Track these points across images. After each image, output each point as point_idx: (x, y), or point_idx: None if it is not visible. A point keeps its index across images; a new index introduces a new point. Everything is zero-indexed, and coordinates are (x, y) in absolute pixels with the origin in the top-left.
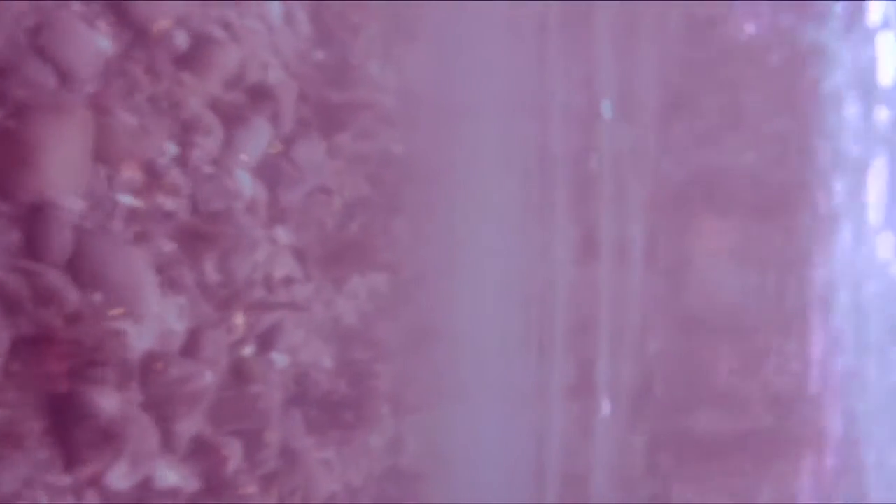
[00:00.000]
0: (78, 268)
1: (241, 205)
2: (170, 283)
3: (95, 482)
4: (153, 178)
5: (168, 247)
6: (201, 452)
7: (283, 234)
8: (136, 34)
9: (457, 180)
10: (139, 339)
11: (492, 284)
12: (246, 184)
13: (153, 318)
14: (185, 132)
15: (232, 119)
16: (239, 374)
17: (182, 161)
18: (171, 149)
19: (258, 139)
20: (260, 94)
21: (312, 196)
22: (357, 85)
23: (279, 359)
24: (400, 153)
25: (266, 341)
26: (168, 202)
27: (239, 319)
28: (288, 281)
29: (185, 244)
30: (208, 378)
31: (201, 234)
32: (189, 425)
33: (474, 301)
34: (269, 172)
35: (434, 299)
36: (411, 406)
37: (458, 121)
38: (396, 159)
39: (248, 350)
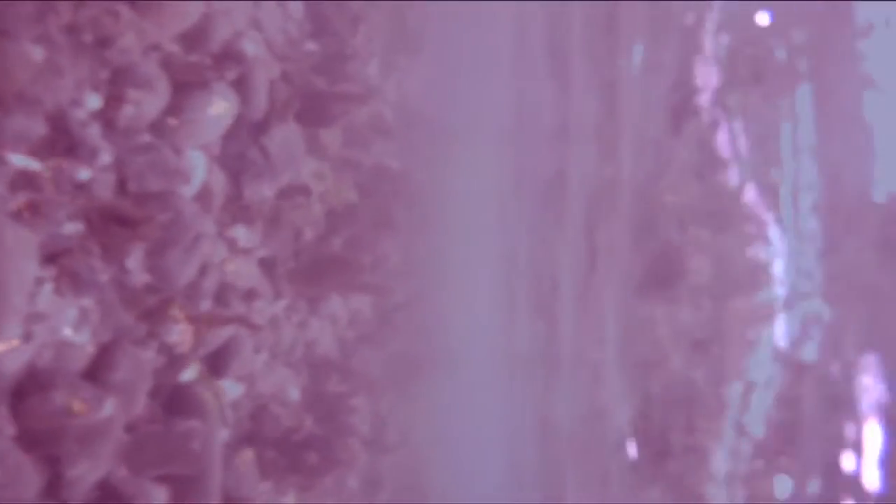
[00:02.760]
0: None
1: (189, 191)
2: (69, 279)
3: None
4: (60, 134)
5: (71, 229)
6: (109, 502)
7: (245, 237)
8: None
9: (451, 202)
10: (11, 354)
11: (482, 312)
12: (198, 165)
13: (39, 325)
14: (115, 82)
15: (186, 82)
16: (172, 404)
17: (106, 119)
18: (92, 100)
19: (219, 112)
20: (228, 60)
21: (287, 196)
22: (350, 79)
23: (231, 388)
24: (394, 168)
25: (215, 365)
26: (81, 171)
27: (174, 335)
28: (250, 295)
29: (98, 229)
30: (109, 409)
31: (125, 218)
32: (90, 468)
33: (464, 330)
34: (231, 157)
35: (422, 327)
36: (391, 445)
37: (456, 140)
38: (390, 173)
39: (187, 374)
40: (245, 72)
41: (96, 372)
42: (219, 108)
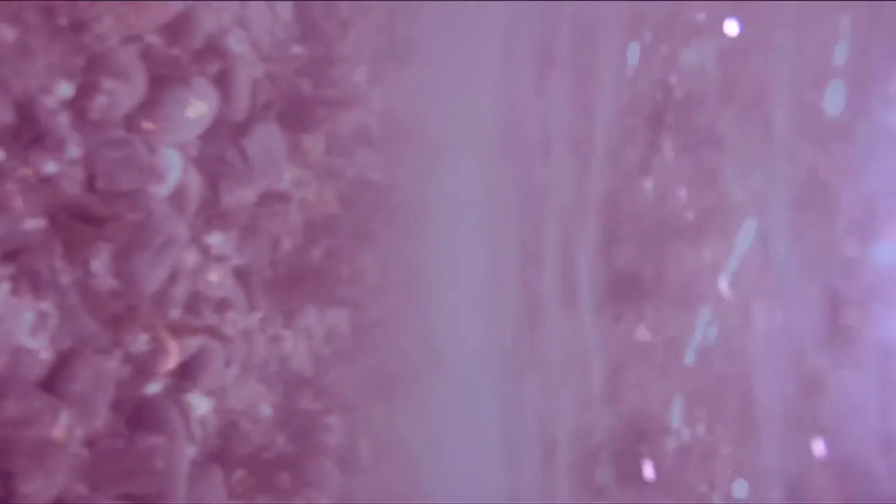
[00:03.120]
0: None
1: (163, 191)
2: (28, 279)
3: None
4: (27, 122)
5: (33, 225)
6: None
7: (220, 244)
8: None
9: (434, 217)
10: None
11: (464, 330)
12: (173, 165)
13: None
14: (90, 70)
15: (166, 76)
16: (135, 419)
17: (77, 109)
18: (64, 88)
19: (197, 111)
20: (211, 55)
21: (266, 202)
22: (336, 84)
23: (199, 402)
24: (377, 180)
25: (183, 378)
26: (47, 163)
27: (140, 344)
28: (223, 305)
29: (62, 226)
30: (64, 420)
31: (92, 216)
32: (44, 484)
33: (444, 347)
34: (209, 158)
35: (401, 344)
36: (365, 464)
37: (441, 153)
38: (373, 185)
39: (153, 387)
40: (227, 69)
41: (53, 381)
42: (198, 106)
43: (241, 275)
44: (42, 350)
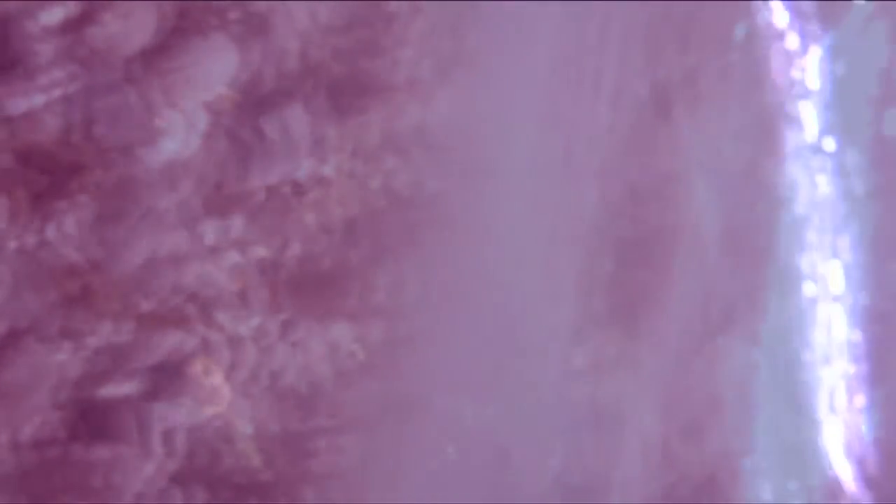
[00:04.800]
0: None
1: (156, 157)
2: None
3: None
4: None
5: None
6: None
7: (217, 232)
8: None
9: (484, 236)
10: None
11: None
12: (176, 130)
13: None
14: None
15: (181, 27)
16: (82, 425)
17: (67, 40)
18: (55, 12)
19: (215, 68)
20: (237, 9)
21: (277, 191)
22: (380, 75)
23: (168, 412)
24: (430, 186)
25: (153, 382)
26: (16, 99)
27: (100, 336)
28: (211, 303)
29: (16, 178)
30: None
31: (58, 170)
32: None
33: (461, 375)
34: (221, 131)
35: (411, 368)
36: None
37: (497, 171)
38: (424, 191)
39: (108, 390)
40: (259, 28)
41: None
42: (220, 63)
43: (239, 273)
44: None
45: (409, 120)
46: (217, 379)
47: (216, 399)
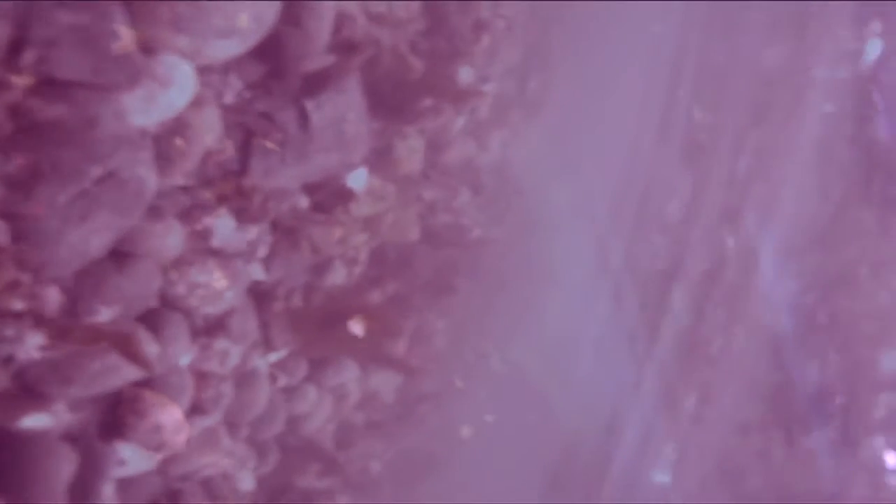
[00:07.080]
0: None
1: (146, 118)
2: None
3: None
4: None
5: None
6: None
7: (225, 235)
8: None
9: (531, 287)
10: None
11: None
12: (181, 86)
13: None
14: None
15: None
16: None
17: None
18: None
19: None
20: None
21: (315, 198)
22: (452, 78)
23: (133, 457)
24: (476, 230)
25: (112, 420)
26: None
27: (31, 350)
28: (214, 326)
29: None
30: None
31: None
32: None
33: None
34: (249, 106)
35: (445, 425)
36: None
37: (551, 220)
38: (468, 233)
39: (34, 420)
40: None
41: None
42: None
43: (252, 291)
44: None
45: (459, 152)
46: (213, 419)
47: (210, 444)
